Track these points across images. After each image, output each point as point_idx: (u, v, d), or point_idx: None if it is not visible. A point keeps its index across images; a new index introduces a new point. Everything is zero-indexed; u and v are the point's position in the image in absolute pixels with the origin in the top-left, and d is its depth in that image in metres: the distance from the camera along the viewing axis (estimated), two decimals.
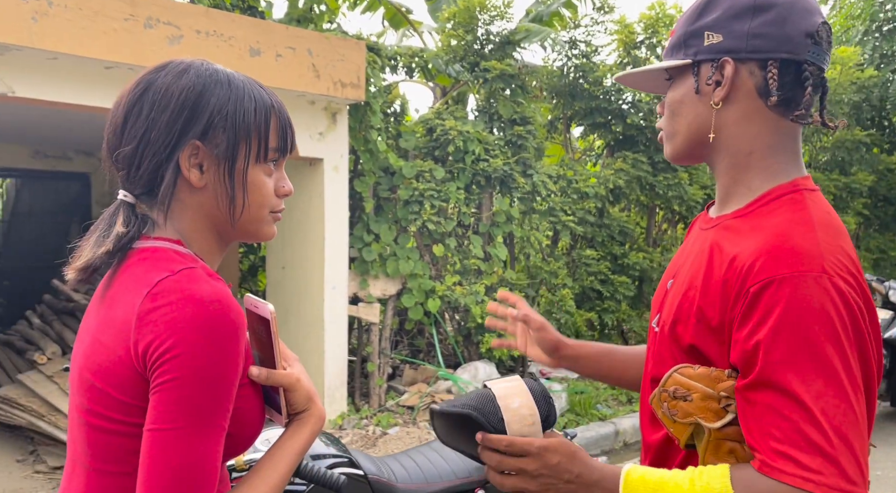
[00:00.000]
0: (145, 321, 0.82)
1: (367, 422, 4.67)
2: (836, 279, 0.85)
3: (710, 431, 0.94)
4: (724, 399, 0.93)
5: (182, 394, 0.79)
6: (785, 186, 0.98)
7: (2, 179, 7.54)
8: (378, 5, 6.65)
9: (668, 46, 1.06)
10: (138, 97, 0.91)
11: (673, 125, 1.05)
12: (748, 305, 0.88)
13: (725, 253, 0.95)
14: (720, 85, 0.99)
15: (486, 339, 5.19)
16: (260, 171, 0.94)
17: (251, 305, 0.95)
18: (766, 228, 0.93)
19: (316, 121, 4.49)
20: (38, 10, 3.22)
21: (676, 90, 1.04)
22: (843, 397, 0.83)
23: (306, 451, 0.95)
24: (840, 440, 0.81)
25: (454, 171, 5.34)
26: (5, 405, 4.25)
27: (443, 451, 2.26)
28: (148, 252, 0.90)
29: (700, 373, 0.95)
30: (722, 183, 1.04)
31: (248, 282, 6.82)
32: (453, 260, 5.50)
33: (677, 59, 1.02)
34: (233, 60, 3.86)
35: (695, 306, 0.97)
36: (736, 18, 0.97)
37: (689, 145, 1.05)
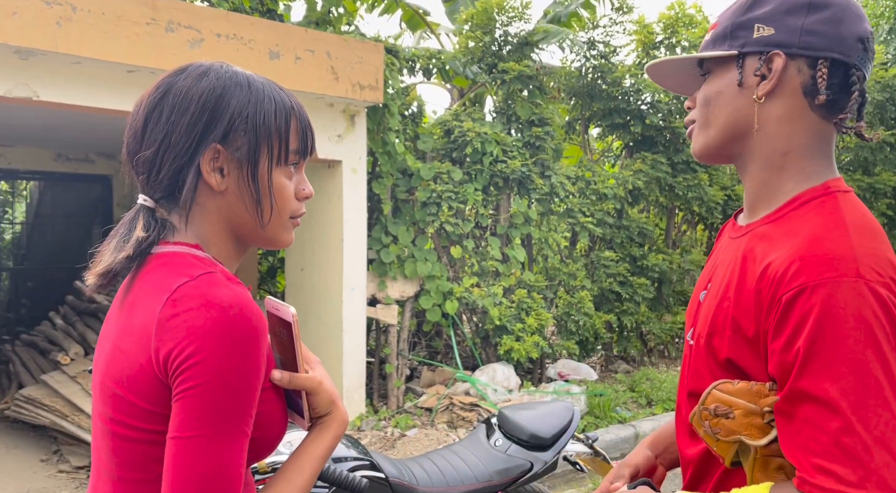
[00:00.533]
0: (166, 328, 0.81)
1: (385, 424, 4.67)
2: (873, 284, 0.82)
3: (755, 448, 0.91)
4: (767, 414, 0.90)
5: (205, 401, 0.78)
6: (817, 188, 0.95)
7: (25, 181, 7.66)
8: (396, 7, 6.66)
9: (708, 39, 1.02)
10: (158, 100, 0.90)
11: (707, 116, 1.01)
12: (781, 314, 0.85)
13: (758, 261, 0.93)
14: (766, 78, 0.96)
15: (504, 341, 5.17)
16: (280, 174, 0.93)
17: (272, 307, 0.94)
18: (798, 233, 0.90)
19: (334, 123, 4.51)
20: (62, 15, 3.26)
21: (715, 82, 1.00)
22: (885, 407, 0.79)
23: (330, 455, 0.95)
24: (883, 450, 0.78)
25: (472, 172, 5.33)
26: (29, 405, 4.31)
27: (463, 454, 2.25)
28: (167, 257, 0.89)
29: (740, 388, 0.92)
30: (751, 186, 1.02)
31: (267, 284, 6.86)
32: (471, 262, 5.49)
33: (721, 50, 0.99)
34: (252, 63, 3.88)
35: (729, 317, 0.94)
36: (790, 13, 0.95)
37: (723, 140, 1.01)
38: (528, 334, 5.24)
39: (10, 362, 5.38)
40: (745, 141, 1.00)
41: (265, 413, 0.88)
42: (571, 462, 2.41)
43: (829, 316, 0.81)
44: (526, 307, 5.37)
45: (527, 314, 5.35)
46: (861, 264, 0.83)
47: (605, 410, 5.00)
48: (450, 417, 4.73)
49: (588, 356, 6.33)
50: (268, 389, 0.90)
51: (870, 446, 0.78)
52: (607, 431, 4.66)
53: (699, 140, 1.04)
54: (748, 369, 0.92)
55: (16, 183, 7.80)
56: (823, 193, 0.94)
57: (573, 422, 2.37)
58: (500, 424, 2.37)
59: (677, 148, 6.51)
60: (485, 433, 2.37)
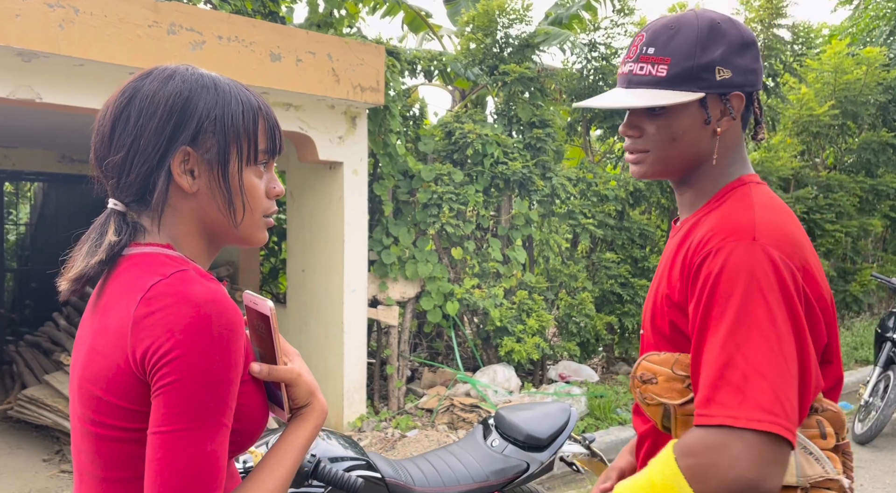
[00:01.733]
0: (141, 326, 0.81)
1: (386, 425, 4.68)
2: (767, 247, 0.96)
3: (674, 408, 1.02)
4: (686, 379, 1.02)
5: (184, 396, 0.79)
6: (733, 183, 1.12)
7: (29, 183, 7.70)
8: (398, 9, 6.68)
9: (665, 78, 1.07)
10: (125, 105, 0.91)
11: (669, 150, 1.11)
12: (693, 276, 1.00)
13: (688, 243, 1.07)
14: (729, 116, 1.09)
15: (505, 342, 5.18)
16: (250, 173, 0.94)
17: (250, 301, 0.95)
18: (715, 215, 1.06)
19: (336, 125, 4.53)
20: (65, 17, 3.29)
21: (679, 120, 1.09)
22: (765, 343, 0.91)
23: (310, 445, 0.96)
24: (758, 377, 0.89)
25: (473, 174, 5.34)
26: (32, 405, 4.34)
27: (460, 455, 2.26)
28: (138, 258, 0.90)
29: (664, 358, 1.06)
30: (690, 195, 1.16)
31: (269, 285, 6.87)
32: (472, 263, 5.50)
33: (687, 91, 1.06)
34: (254, 65, 3.90)
35: (664, 295, 1.08)
36: (737, 54, 1.08)
37: (683, 169, 1.13)
38: (529, 335, 5.25)
39: (14, 362, 5.41)
40: (699, 164, 1.13)
41: (245, 406, 0.90)
42: (568, 463, 2.42)
43: (724, 273, 0.96)
44: (527, 309, 5.37)
45: (528, 316, 5.35)
46: (758, 231, 0.98)
47: (606, 411, 5.00)
48: (450, 418, 4.74)
49: (589, 358, 6.33)
50: (247, 382, 0.91)
51: (748, 375, 0.90)
52: (608, 432, 4.66)
53: (655, 168, 1.14)
54: (688, 333, 1.04)
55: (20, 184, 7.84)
56: (739, 184, 1.11)
57: (570, 423, 2.38)
58: (497, 424, 2.37)
59: None
60: (482, 433, 2.38)
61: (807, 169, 7.78)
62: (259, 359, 0.95)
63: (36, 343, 5.54)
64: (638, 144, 1.13)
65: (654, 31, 1.09)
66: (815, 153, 8.16)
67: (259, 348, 0.96)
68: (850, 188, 7.65)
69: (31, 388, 4.53)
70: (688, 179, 1.15)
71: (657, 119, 1.10)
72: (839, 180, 7.66)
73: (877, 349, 4.94)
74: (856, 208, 7.72)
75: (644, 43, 1.10)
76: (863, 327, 7.54)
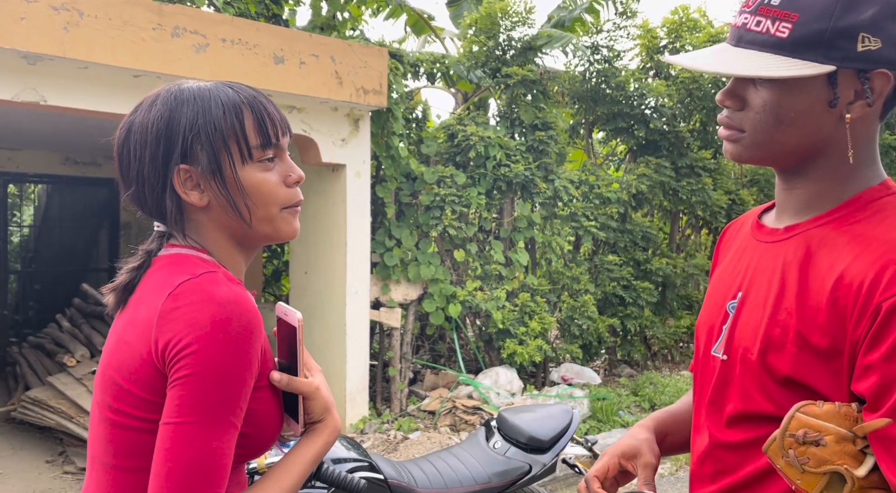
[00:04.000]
0: (166, 320, 0.85)
1: (388, 427, 4.69)
2: None
3: (853, 480, 0.79)
4: (860, 441, 0.80)
5: (197, 389, 0.82)
6: (877, 188, 0.87)
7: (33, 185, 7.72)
8: (401, 12, 6.70)
9: (785, 40, 0.82)
10: (124, 140, 0.95)
11: (775, 135, 0.86)
12: (881, 323, 0.77)
13: (824, 267, 0.84)
14: (865, 101, 0.83)
15: (507, 344, 5.18)
16: (254, 170, 0.94)
17: (281, 312, 0.97)
18: (878, 234, 0.81)
19: (339, 127, 4.54)
20: (69, 20, 3.30)
21: (792, 96, 0.84)
22: None
23: (319, 460, 0.97)
24: None
25: (475, 176, 5.35)
26: (35, 407, 4.35)
27: (462, 456, 2.26)
28: (172, 258, 0.94)
29: (828, 411, 0.81)
30: (803, 192, 0.90)
31: (272, 287, 6.89)
32: (474, 265, 5.51)
33: (810, 61, 0.81)
34: (257, 68, 3.92)
35: (791, 331, 0.84)
36: (893, 19, 0.81)
37: (789, 156, 0.88)
38: (532, 337, 5.25)
39: (17, 363, 5.42)
40: (815, 157, 0.88)
41: (259, 411, 0.91)
42: (570, 465, 2.42)
43: None
44: (529, 311, 5.38)
45: (530, 318, 5.36)
46: None
47: (608, 414, 4.99)
48: (452, 420, 4.74)
49: (591, 360, 6.33)
50: (264, 387, 0.92)
51: None
52: (610, 435, 4.66)
53: (753, 153, 0.90)
54: (817, 387, 0.83)
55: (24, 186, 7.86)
56: (886, 192, 0.86)
57: (572, 425, 2.38)
58: (500, 426, 2.38)
59: (681, 152, 6.51)
60: (484, 435, 2.38)
61: None
62: (282, 370, 0.97)
63: (39, 345, 5.55)
64: (734, 119, 0.89)
65: None
66: None
67: (283, 359, 0.97)
68: None
69: (34, 389, 4.55)
70: (800, 173, 0.90)
71: (766, 90, 0.85)
72: None
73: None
74: None
75: None
76: None
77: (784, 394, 0.85)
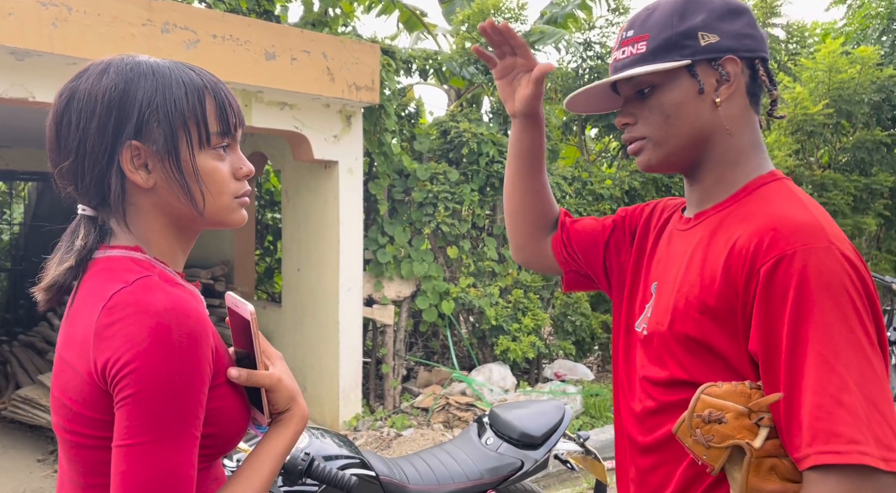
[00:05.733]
0: (102, 337, 0.80)
1: (381, 424, 4.68)
2: (843, 249, 0.86)
3: (751, 450, 0.87)
4: (753, 414, 0.89)
5: (145, 408, 0.77)
6: (765, 176, 1.01)
7: (23, 182, 7.67)
8: (393, 8, 6.68)
9: (643, 52, 1.01)
10: (64, 108, 0.87)
11: (668, 130, 1.02)
12: (763, 286, 0.87)
13: (721, 242, 0.96)
14: (726, 83, 0.99)
15: (501, 341, 5.18)
16: (209, 157, 0.89)
17: (231, 304, 0.93)
18: (761, 212, 0.94)
19: (331, 124, 4.52)
20: (58, 16, 3.27)
21: (668, 95, 1.01)
22: (868, 366, 0.82)
23: (290, 451, 0.94)
24: (873, 408, 0.80)
25: (468, 173, 5.35)
26: (26, 406, 4.32)
27: (455, 453, 2.26)
28: (105, 262, 0.87)
29: (727, 390, 0.90)
30: (703, 185, 1.05)
31: (265, 284, 6.86)
32: (468, 262, 5.50)
33: (670, 61, 0.99)
34: (248, 64, 3.89)
35: (694, 300, 0.96)
36: (722, 20, 1.00)
37: (686, 149, 1.02)
38: (525, 334, 5.25)
39: (8, 362, 5.39)
40: (705, 146, 1.02)
41: (221, 409, 0.87)
42: (563, 461, 2.42)
43: (810, 281, 0.84)
44: (522, 308, 5.38)
45: (523, 315, 5.36)
46: (828, 232, 0.88)
47: (601, 410, 5.00)
48: (446, 417, 4.74)
49: (585, 357, 6.34)
50: (223, 385, 0.88)
51: (864, 403, 0.80)
52: (603, 431, 4.67)
53: (658, 154, 1.04)
54: (719, 348, 0.93)
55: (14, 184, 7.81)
56: (773, 179, 1.01)
57: (564, 421, 2.38)
58: (492, 422, 2.38)
59: None
60: (476, 431, 2.38)
61: (801, 168, 7.81)
62: (241, 361, 0.93)
63: (30, 343, 5.52)
64: (634, 131, 1.05)
65: (633, 17, 1.05)
66: (809, 152, 8.19)
67: (241, 350, 0.94)
68: (845, 187, 7.68)
69: (25, 388, 4.52)
70: (699, 167, 1.04)
71: (648, 100, 1.02)
72: (833, 179, 7.69)
73: None
74: (850, 207, 7.75)
75: (625, 29, 1.05)
76: None
77: (691, 359, 0.96)
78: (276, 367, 0.94)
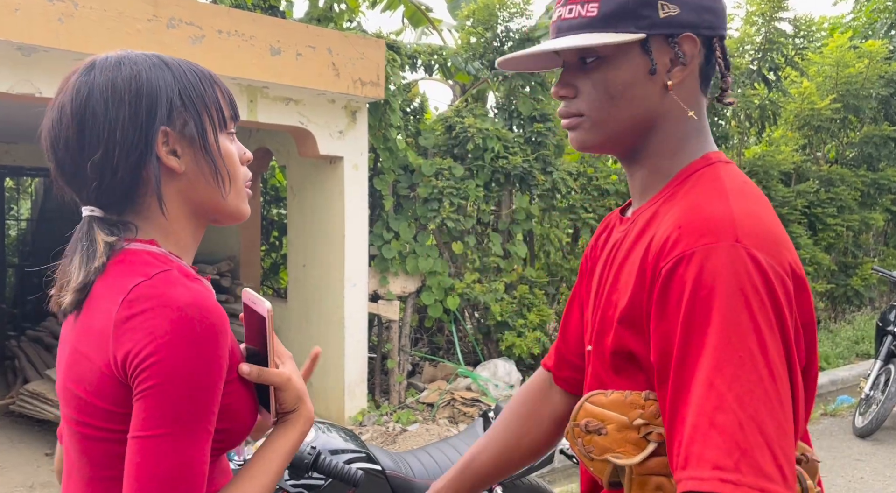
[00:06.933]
0: (123, 330, 0.80)
1: (387, 419, 4.69)
2: (752, 249, 0.75)
3: (630, 468, 0.81)
4: (643, 428, 0.81)
5: (164, 400, 0.77)
6: (698, 161, 0.90)
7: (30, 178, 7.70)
8: (398, 4, 6.66)
9: (596, 16, 0.87)
10: (85, 102, 0.85)
11: (610, 111, 0.89)
12: (661, 288, 0.78)
13: (644, 240, 0.86)
14: (681, 65, 0.87)
15: (506, 337, 5.18)
16: (226, 140, 0.93)
17: (248, 300, 0.93)
18: (680, 203, 0.84)
19: (336, 119, 4.52)
20: (64, 11, 3.28)
21: (615, 71, 0.88)
22: (759, 382, 0.71)
23: (295, 451, 0.94)
24: (755, 430, 0.70)
25: (473, 168, 5.34)
26: (34, 400, 4.35)
27: (460, 447, 2.26)
28: (122, 256, 0.87)
29: (614, 400, 0.83)
30: (642, 174, 0.94)
31: (270, 280, 6.88)
32: (473, 258, 5.50)
33: (622, 33, 0.85)
34: (254, 59, 3.90)
35: (615, 308, 0.87)
36: None
37: (626, 133, 0.91)
38: (530, 329, 5.25)
39: (16, 357, 5.43)
40: (648, 131, 0.91)
41: (231, 405, 0.87)
42: (568, 456, 2.42)
43: (703, 286, 0.74)
44: (528, 303, 5.38)
45: (528, 310, 5.36)
46: (740, 228, 0.77)
47: None
48: (451, 412, 4.75)
49: None
50: (234, 381, 0.89)
51: (743, 424, 0.70)
52: None
53: (594, 135, 0.91)
54: (640, 359, 0.84)
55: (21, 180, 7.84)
56: (705, 164, 0.89)
57: None
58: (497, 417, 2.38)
59: None
60: (482, 426, 2.38)
61: (808, 163, 7.77)
62: (251, 358, 0.94)
63: (37, 338, 5.55)
64: (572, 106, 0.91)
65: None
66: (816, 147, 8.15)
67: (252, 348, 0.94)
68: (852, 182, 7.64)
69: (32, 383, 4.55)
70: (637, 154, 0.93)
71: (592, 73, 0.89)
72: (841, 174, 7.65)
73: (877, 343, 4.95)
74: (857, 202, 7.71)
75: None
76: (864, 321, 7.54)
77: (619, 370, 0.86)
78: (286, 366, 0.95)
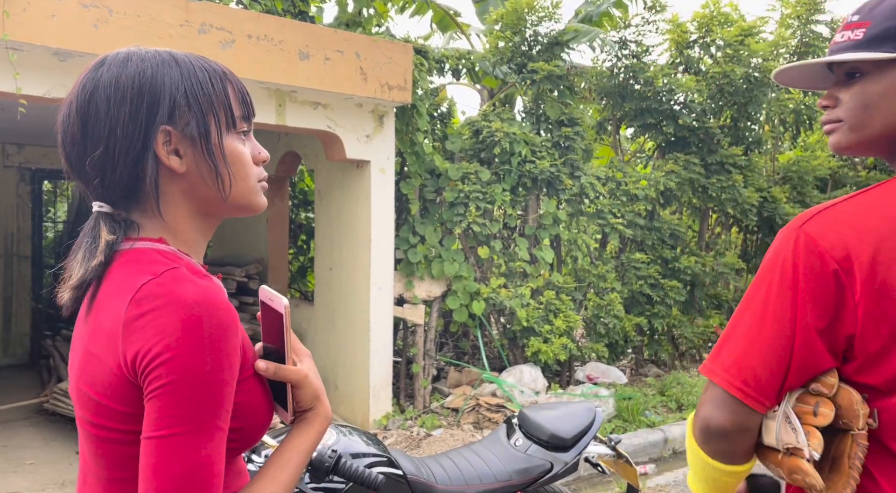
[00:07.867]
0: (132, 329, 0.79)
1: (411, 423, 4.68)
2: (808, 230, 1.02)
3: None
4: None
5: (176, 399, 0.77)
6: None
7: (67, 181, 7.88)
8: (426, 8, 6.69)
9: (860, 38, 1.03)
10: (89, 98, 0.86)
11: (864, 119, 1.05)
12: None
13: None
14: None
15: (532, 342, 5.14)
16: (234, 140, 0.92)
17: (266, 297, 0.93)
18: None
19: (363, 123, 4.54)
20: (99, 17, 3.35)
21: (875, 84, 1.03)
22: (753, 320, 1.01)
23: (314, 449, 0.93)
24: (732, 343, 1.02)
25: (500, 173, 5.32)
26: (67, 399, 4.43)
27: (483, 453, 2.24)
28: (130, 255, 0.87)
29: None
30: None
31: (298, 283, 6.93)
32: (499, 262, 5.47)
33: (884, 52, 1.00)
34: (283, 64, 3.93)
35: None
36: None
37: (878, 138, 1.06)
38: (556, 335, 5.20)
39: (51, 356, 5.55)
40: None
41: (246, 403, 0.87)
42: (593, 464, 2.38)
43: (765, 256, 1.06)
44: (554, 309, 5.33)
45: (555, 316, 5.31)
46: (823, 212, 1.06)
47: (634, 413, 4.92)
48: (476, 418, 4.72)
49: (618, 360, 6.25)
50: (250, 378, 0.88)
51: (729, 338, 1.04)
52: (636, 435, 4.59)
53: (849, 137, 1.07)
54: None
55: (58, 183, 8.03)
56: None
57: (595, 423, 2.34)
58: (521, 424, 2.35)
59: (711, 149, 6.39)
60: (505, 432, 2.36)
61: (845, 168, 7.58)
62: (268, 355, 0.93)
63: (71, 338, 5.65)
64: (831, 114, 1.09)
65: (863, 3, 1.07)
66: None
67: (270, 344, 0.94)
68: None
69: (65, 382, 4.64)
70: (890, 153, 1.08)
71: (853, 86, 1.05)
72: (878, 180, 7.44)
73: None
74: None
75: (851, 13, 1.07)
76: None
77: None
78: (303, 364, 0.94)
